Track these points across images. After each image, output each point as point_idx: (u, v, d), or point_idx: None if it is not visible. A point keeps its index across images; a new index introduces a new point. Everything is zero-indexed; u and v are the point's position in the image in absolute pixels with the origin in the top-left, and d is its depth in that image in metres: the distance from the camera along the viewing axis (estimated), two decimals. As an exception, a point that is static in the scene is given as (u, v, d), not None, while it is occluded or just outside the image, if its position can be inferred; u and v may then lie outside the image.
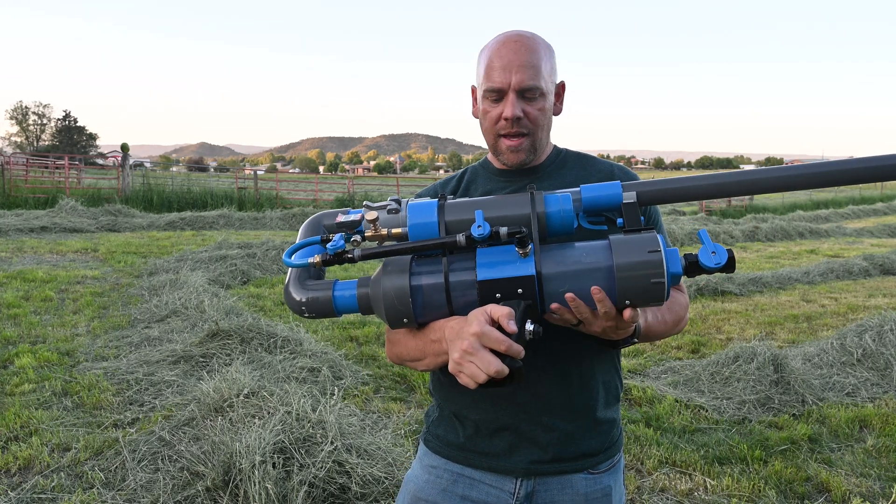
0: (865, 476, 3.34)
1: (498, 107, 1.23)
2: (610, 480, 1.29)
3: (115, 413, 3.81)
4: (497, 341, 0.96)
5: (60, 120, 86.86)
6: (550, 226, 1.06)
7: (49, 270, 8.12)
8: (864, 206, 30.32)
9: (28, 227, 12.11)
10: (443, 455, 1.32)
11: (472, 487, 1.28)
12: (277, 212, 16.25)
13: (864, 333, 5.15)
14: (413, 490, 1.32)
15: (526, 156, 1.27)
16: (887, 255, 10.95)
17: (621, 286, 0.98)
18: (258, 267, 8.63)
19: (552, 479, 1.26)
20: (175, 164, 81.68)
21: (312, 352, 4.75)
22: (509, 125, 1.23)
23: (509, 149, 1.26)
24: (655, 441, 3.67)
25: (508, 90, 1.21)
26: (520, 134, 1.25)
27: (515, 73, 1.20)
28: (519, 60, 1.21)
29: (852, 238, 17.15)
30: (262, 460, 2.70)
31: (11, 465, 3.15)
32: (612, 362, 1.32)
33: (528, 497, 1.26)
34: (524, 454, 1.25)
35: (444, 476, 1.30)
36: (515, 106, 1.21)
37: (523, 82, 1.20)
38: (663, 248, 0.98)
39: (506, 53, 1.22)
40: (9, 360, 4.69)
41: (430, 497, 1.29)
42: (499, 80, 1.21)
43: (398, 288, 1.06)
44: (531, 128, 1.24)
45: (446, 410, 1.33)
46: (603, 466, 1.29)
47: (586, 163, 1.36)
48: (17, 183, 17.98)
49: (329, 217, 1.17)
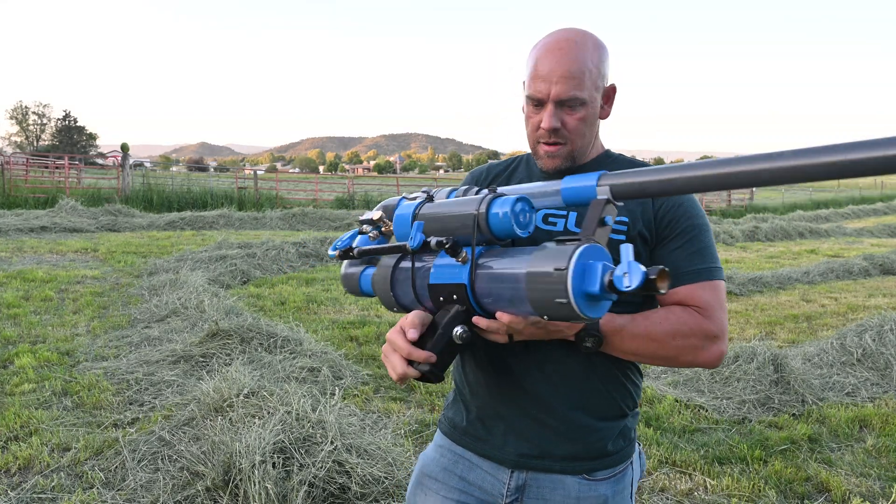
0: (865, 476, 3.34)
1: (538, 114, 1.24)
2: (607, 490, 1.27)
3: (115, 413, 3.81)
4: (399, 348, 1.08)
5: (60, 120, 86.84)
6: (493, 229, 1.02)
7: (49, 270, 8.12)
8: (864, 205, 30.33)
9: (28, 226, 12.10)
10: (449, 436, 1.38)
11: (470, 470, 1.33)
12: (277, 212, 16.25)
13: (864, 333, 5.15)
14: (421, 466, 1.40)
15: (562, 163, 1.26)
16: (887, 255, 10.95)
17: (531, 298, 0.94)
18: (258, 267, 8.63)
19: (543, 477, 1.26)
20: (175, 163, 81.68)
21: (312, 352, 4.75)
22: (546, 135, 1.24)
23: (546, 154, 1.27)
24: (655, 441, 3.67)
25: (548, 101, 1.21)
26: (557, 143, 1.25)
27: (555, 83, 1.19)
28: (560, 70, 1.18)
29: (852, 238, 17.15)
30: (262, 460, 2.70)
31: (11, 465, 3.15)
32: (620, 373, 1.28)
33: (519, 489, 1.27)
34: (514, 445, 1.27)
35: (448, 456, 1.36)
36: (553, 118, 1.21)
37: (562, 94, 1.19)
38: (599, 265, 0.89)
39: (549, 61, 1.20)
40: (9, 360, 4.69)
41: (433, 473, 1.36)
42: (538, 90, 1.21)
43: (382, 277, 1.18)
44: (569, 137, 1.24)
45: (457, 395, 1.40)
46: (600, 474, 1.27)
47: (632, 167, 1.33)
48: (17, 183, 17.97)
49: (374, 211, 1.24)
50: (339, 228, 15.11)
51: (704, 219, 1.28)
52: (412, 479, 1.41)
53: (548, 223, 1.28)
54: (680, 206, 1.26)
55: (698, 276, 1.22)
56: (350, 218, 16.20)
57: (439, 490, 1.34)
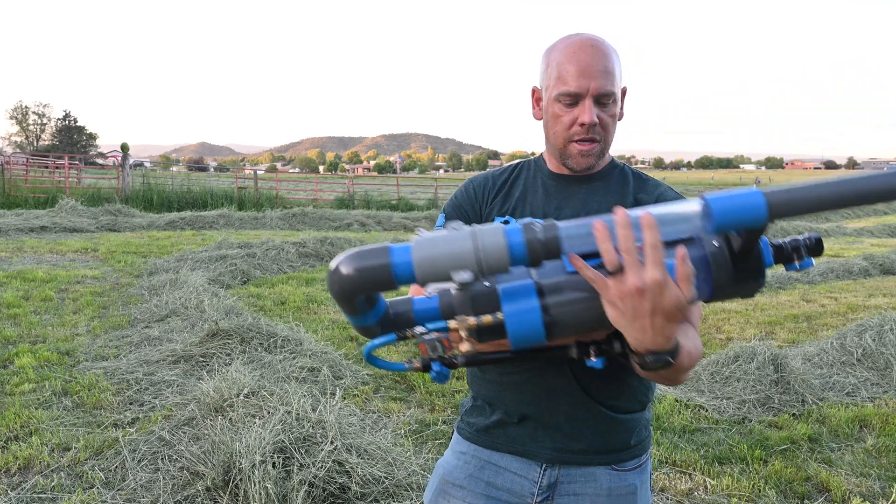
0: (865, 476, 3.34)
1: (572, 111, 1.22)
2: (636, 480, 1.30)
3: (115, 413, 3.81)
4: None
5: (60, 120, 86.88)
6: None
7: (49, 270, 8.12)
8: (864, 205, 30.33)
9: (28, 226, 12.10)
10: (472, 441, 1.35)
11: (497, 475, 1.30)
12: (277, 211, 16.24)
13: (864, 333, 5.15)
14: (442, 474, 1.36)
15: (595, 160, 1.26)
16: (887, 255, 10.96)
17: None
18: (258, 267, 8.63)
19: (576, 471, 1.27)
20: (175, 163, 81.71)
21: (312, 351, 4.75)
22: (584, 131, 1.22)
23: (580, 153, 1.25)
24: (655, 441, 3.67)
25: (586, 96, 1.20)
26: (592, 139, 1.24)
27: (594, 78, 1.19)
28: (597, 66, 1.20)
29: (852, 238, 17.16)
30: (262, 460, 2.70)
31: (11, 465, 3.15)
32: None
33: (550, 487, 1.27)
34: (549, 441, 1.27)
35: (472, 462, 1.33)
36: (593, 112, 1.20)
37: (601, 88, 1.20)
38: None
39: (584, 58, 1.20)
40: (9, 360, 4.69)
41: (457, 481, 1.33)
42: (576, 85, 1.20)
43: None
44: (602, 134, 1.24)
45: (479, 400, 1.37)
46: (629, 464, 1.30)
47: (644, 182, 1.34)
48: (17, 183, 17.98)
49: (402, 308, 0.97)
50: (339, 228, 15.11)
51: None
52: (432, 488, 1.38)
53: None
54: None
55: None
56: (350, 218, 16.20)
57: (465, 497, 1.32)
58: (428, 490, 1.39)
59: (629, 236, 0.81)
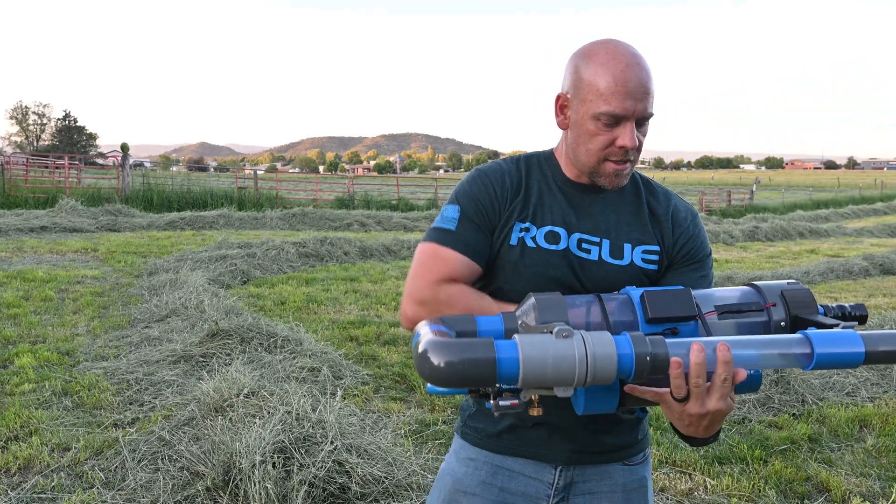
0: (865, 476, 3.34)
1: (611, 132, 1.16)
2: (645, 472, 1.33)
3: (115, 413, 3.81)
4: None
5: (60, 120, 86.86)
6: None
7: (49, 270, 8.12)
8: (864, 205, 30.33)
9: (28, 226, 12.10)
10: (481, 446, 1.31)
11: (511, 479, 1.28)
12: (277, 211, 16.24)
13: (864, 333, 5.15)
14: (451, 483, 1.31)
15: (625, 180, 1.23)
16: (887, 255, 10.96)
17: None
18: (258, 267, 8.62)
19: (591, 469, 1.28)
20: (175, 163, 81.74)
21: (312, 351, 4.75)
22: (623, 153, 1.17)
23: (615, 173, 1.20)
24: (655, 441, 3.66)
25: (630, 119, 1.15)
26: (627, 160, 1.19)
27: (640, 101, 1.14)
28: (643, 88, 1.14)
29: (852, 238, 17.16)
30: (262, 460, 2.70)
31: (11, 465, 3.15)
32: None
33: (566, 488, 1.27)
34: (564, 444, 1.26)
35: (484, 468, 1.29)
36: (635, 135, 1.16)
37: (645, 111, 1.15)
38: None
39: (630, 78, 1.13)
40: (9, 360, 4.69)
41: (469, 489, 1.29)
42: (622, 108, 1.13)
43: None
44: (636, 155, 1.20)
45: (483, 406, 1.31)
46: (637, 458, 1.32)
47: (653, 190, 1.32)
48: (17, 183, 17.97)
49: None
50: (339, 228, 15.11)
51: (710, 248, 1.32)
52: (440, 498, 1.33)
53: (581, 249, 1.23)
54: (696, 236, 1.29)
55: None
56: (350, 218, 16.21)
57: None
58: (434, 500, 1.35)
59: (700, 374, 0.90)
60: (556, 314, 0.95)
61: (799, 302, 1.05)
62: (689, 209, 1.32)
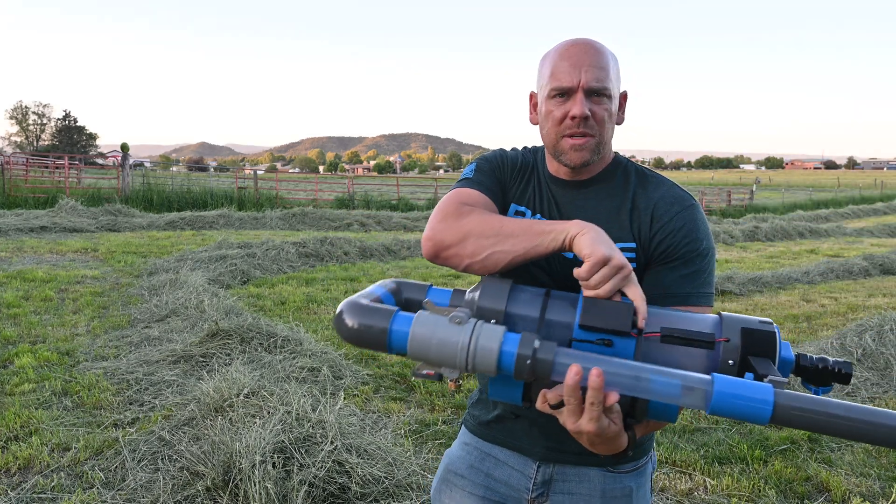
0: (865, 476, 3.34)
1: (564, 106, 1.19)
2: (632, 482, 1.30)
3: (115, 413, 3.81)
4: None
5: (60, 120, 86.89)
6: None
7: (49, 270, 8.12)
8: (864, 205, 30.34)
9: (28, 226, 12.10)
10: (475, 433, 1.40)
11: (496, 467, 1.35)
12: (277, 212, 16.24)
13: (864, 333, 5.15)
14: (447, 463, 1.43)
15: (590, 156, 1.21)
16: (887, 255, 10.97)
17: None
18: (258, 267, 8.62)
19: (570, 470, 1.29)
20: (175, 163, 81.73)
21: (312, 351, 4.75)
22: (576, 124, 1.18)
23: (573, 147, 1.20)
24: (655, 441, 3.67)
25: (577, 89, 1.17)
26: (585, 133, 1.19)
27: (585, 71, 1.17)
28: (589, 60, 1.18)
29: (852, 238, 17.16)
30: (262, 460, 2.70)
31: (11, 465, 3.15)
32: None
33: (545, 484, 1.30)
34: (542, 439, 1.29)
35: (474, 453, 1.39)
36: (584, 104, 1.17)
37: (592, 81, 1.17)
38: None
39: (575, 53, 1.19)
40: (9, 360, 4.69)
41: (459, 470, 1.39)
42: (567, 79, 1.18)
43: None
44: (597, 129, 1.20)
45: (484, 393, 1.39)
46: (625, 467, 1.30)
47: (646, 182, 1.28)
48: (17, 183, 17.97)
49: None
50: (339, 228, 15.11)
51: (704, 243, 1.21)
52: (437, 476, 1.44)
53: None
54: (680, 230, 1.20)
55: (685, 300, 1.18)
56: (350, 218, 16.20)
57: (465, 486, 1.36)
58: (435, 478, 1.45)
59: (572, 395, 0.93)
60: (494, 300, 1.02)
61: (753, 344, 0.96)
62: (678, 200, 1.24)
